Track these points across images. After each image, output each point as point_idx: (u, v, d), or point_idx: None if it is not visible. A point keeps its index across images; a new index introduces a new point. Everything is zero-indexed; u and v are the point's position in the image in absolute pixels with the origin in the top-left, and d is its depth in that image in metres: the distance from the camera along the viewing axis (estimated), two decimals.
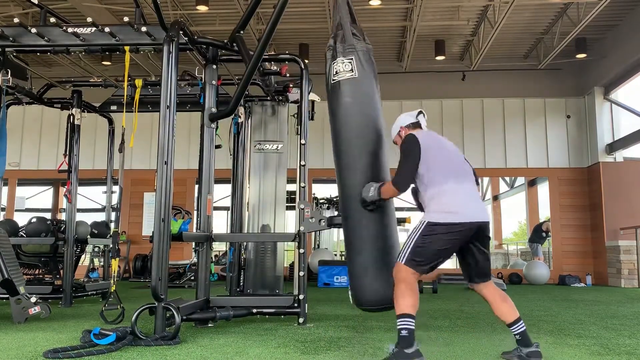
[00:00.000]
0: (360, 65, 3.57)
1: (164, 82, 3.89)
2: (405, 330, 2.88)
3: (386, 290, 3.33)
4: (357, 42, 3.64)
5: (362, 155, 3.54)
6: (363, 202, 3.43)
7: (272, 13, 3.92)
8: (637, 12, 9.69)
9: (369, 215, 3.46)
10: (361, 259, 3.48)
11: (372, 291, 3.42)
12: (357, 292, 3.50)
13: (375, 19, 9.94)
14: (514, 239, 18.86)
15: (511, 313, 3.07)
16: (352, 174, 3.55)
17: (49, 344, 3.49)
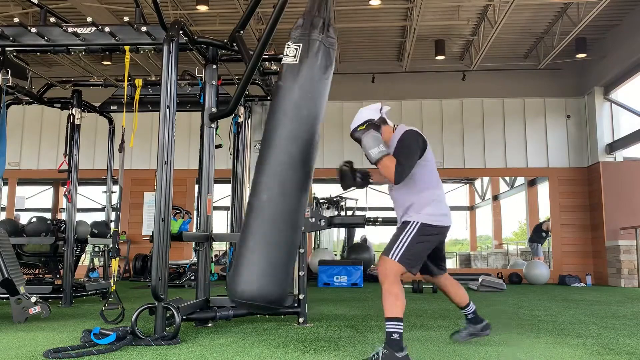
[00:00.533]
0: (305, 54, 3.45)
1: (164, 82, 3.89)
2: (397, 333, 2.91)
3: (272, 289, 3.09)
4: (314, 31, 3.51)
5: (281, 142, 3.30)
6: (357, 139, 3.26)
7: (272, 13, 3.91)
8: (637, 12, 9.69)
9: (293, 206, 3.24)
10: (271, 249, 3.16)
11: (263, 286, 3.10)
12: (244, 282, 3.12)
13: (375, 19, 9.94)
14: (514, 239, 18.87)
15: (466, 297, 3.52)
16: (267, 155, 3.32)
17: (49, 343, 3.49)
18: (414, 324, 4.59)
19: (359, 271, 9.61)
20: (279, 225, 3.17)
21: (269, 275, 3.09)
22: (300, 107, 3.34)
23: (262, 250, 3.13)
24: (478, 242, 19.30)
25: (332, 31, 3.52)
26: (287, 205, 3.21)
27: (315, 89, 3.40)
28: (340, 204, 13.37)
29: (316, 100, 3.41)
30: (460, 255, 19.02)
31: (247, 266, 3.10)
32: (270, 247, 3.14)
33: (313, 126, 3.38)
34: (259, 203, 3.20)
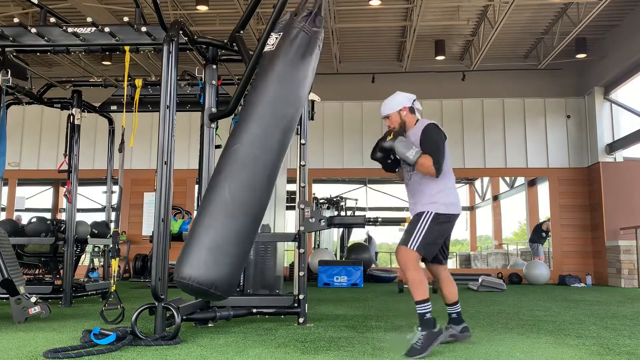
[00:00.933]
0: (281, 41, 3.43)
1: (164, 82, 3.89)
2: (429, 313, 3.26)
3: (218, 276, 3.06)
4: (295, 20, 3.49)
5: (248, 126, 3.32)
6: (388, 150, 3.46)
7: (272, 13, 3.91)
8: (637, 12, 9.69)
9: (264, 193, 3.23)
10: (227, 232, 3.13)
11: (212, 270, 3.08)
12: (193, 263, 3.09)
13: (375, 19, 9.94)
14: (514, 239, 18.84)
15: (456, 295, 3.69)
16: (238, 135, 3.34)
17: (49, 344, 3.49)
18: (414, 324, 4.58)
19: (359, 271, 9.61)
20: (243, 216, 3.15)
21: (222, 263, 3.06)
22: (276, 97, 3.33)
23: (218, 237, 3.09)
24: (478, 242, 19.29)
25: (318, 21, 3.51)
26: (253, 197, 3.20)
27: (290, 75, 3.38)
28: (340, 204, 13.37)
29: (291, 85, 3.38)
30: (460, 255, 19.01)
31: (200, 250, 3.07)
32: (228, 235, 3.09)
33: (284, 111, 3.33)
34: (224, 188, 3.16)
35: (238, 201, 3.15)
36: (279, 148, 3.32)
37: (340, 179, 12.99)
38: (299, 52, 3.41)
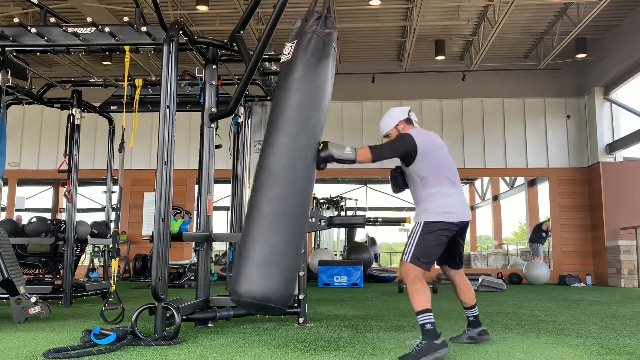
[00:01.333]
0: (297, 49, 3.42)
1: (164, 82, 3.89)
2: (429, 323, 3.13)
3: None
4: (306, 25, 3.50)
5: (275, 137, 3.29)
6: (328, 158, 3.32)
7: (272, 13, 3.91)
8: (637, 12, 9.69)
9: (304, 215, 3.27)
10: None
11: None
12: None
13: (375, 19, 9.94)
14: (514, 239, 18.85)
15: (473, 298, 3.77)
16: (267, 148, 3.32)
17: (49, 344, 3.49)
18: (414, 323, 4.59)
19: (359, 271, 9.61)
20: (284, 226, 3.15)
21: (273, 276, 3.06)
22: (298, 102, 3.33)
23: (264, 250, 3.09)
24: (478, 242, 19.29)
25: (329, 22, 3.51)
26: (291, 204, 3.19)
27: (309, 80, 3.38)
28: (340, 204, 13.37)
29: (312, 90, 3.38)
30: None
31: (250, 267, 3.07)
32: (273, 247, 3.10)
33: (309, 116, 3.33)
34: (261, 203, 3.17)
35: (277, 212, 3.16)
36: (310, 153, 3.31)
37: (340, 179, 13.00)
38: (315, 56, 3.41)
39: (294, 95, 3.33)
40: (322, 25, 3.46)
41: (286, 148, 3.25)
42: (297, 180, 3.23)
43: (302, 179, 3.25)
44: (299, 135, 3.28)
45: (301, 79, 3.35)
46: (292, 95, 3.33)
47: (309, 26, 3.44)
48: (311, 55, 3.39)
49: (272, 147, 3.26)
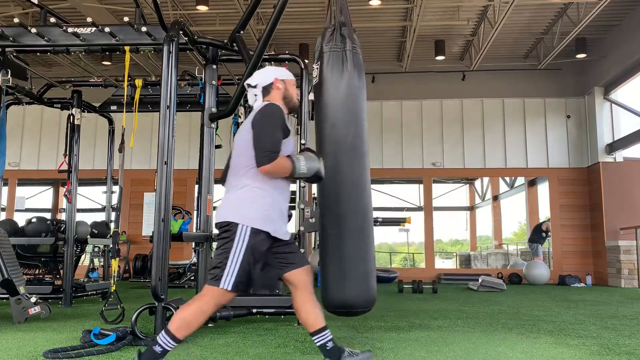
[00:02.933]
0: (321, 70, 3.57)
1: (164, 82, 3.89)
2: (330, 341, 2.76)
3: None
4: (324, 44, 3.62)
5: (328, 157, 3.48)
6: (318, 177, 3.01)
7: (272, 13, 3.92)
8: (637, 12, 9.69)
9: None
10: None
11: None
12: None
13: (375, 19, 9.94)
14: (514, 239, 18.87)
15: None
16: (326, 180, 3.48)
17: (49, 344, 3.49)
18: (414, 324, 4.59)
19: None
20: (361, 240, 3.47)
21: (363, 283, 3.45)
22: (330, 120, 3.50)
23: (333, 267, 3.52)
24: (478, 242, 19.30)
25: (344, 31, 3.61)
26: (359, 221, 3.46)
27: (337, 96, 3.55)
28: None
29: (344, 105, 3.52)
30: (460, 255, 19.03)
31: (345, 280, 3.48)
32: (361, 260, 3.45)
33: (347, 132, 3.49)
34: (323, 228, 3.51)
35: (339, 230, 3.43)
36: (358, 169, 3.47)
37: None
38: (337, 72, 3.56)
39: (328, 117, 3.52)
40: (336, 38, 3.55)
41: (333, 170, 3.42)
42: (352, 194, 3.47)
43: (355, 190, 3.47)
44: (343, 154, 3.47)
45: (331, 99, 3.55)
46: (328, 116, 3.52)
47: (325, 44, 3.56)
48: (332, 72, 3.56)
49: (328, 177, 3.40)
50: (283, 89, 2.94)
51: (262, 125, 2.73)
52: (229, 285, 2.62)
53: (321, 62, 3.58)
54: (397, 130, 11.89)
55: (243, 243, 2.67)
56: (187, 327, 2.59)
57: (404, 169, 11.84)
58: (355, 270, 3.40)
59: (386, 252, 20.71)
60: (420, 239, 12.78)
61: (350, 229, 3.42)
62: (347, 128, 3.47)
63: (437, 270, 11.80)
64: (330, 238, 3.45)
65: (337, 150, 3.46)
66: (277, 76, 2.95)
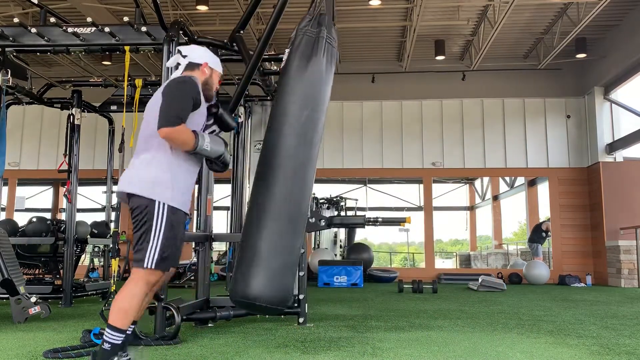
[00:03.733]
0: (290, 53, 3.44)
1: (164, 82, 3.88)
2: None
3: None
4: (301, 29, 3.53)
5: (266, 139, 3.31)
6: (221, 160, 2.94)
7: (272, 13, 3.92)
8: (637, 12, 9.69)
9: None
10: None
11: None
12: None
13: (375, 19, 9.94)
14: (514, 239, 18.86)
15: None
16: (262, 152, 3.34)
17: (49, 344, 3.49)
18: (414, 324, 4.59)
19: (359, 271, 9.61)
20: (283, 229, 3.13)
21: (275, 278, 3.03)
22: (289, 103, 3.31)
23: (268, 253, 3.07)
24: (478, 242, 19.30)
25: (322, 20, 3.49)
26: (291, 209, 3.16)
27: (299, 80, 3.38)
28: (340, 204, 13.37)
29: (303, 89, 3.35)
30: (460, 255, 19.03)
31: (254, 269, 3.04)
32: (276, 251, 3.08)
33: (301, 116, 3.29)
34: (262, 207, 3.14)
35: (274, 213, 3.13)
36: (296, 153, 3.22)
37: (340, 179, 13.01)
38: (305, 56, 3.41)
39: (286, 97, 3.35)
40: (313, 25, 3.47)
41: (278, 148, 3.22)
42: (293, 181, 3.20)
43: (298, 178, 3.21)
44: (289, 137, 3.25)
45: (292, 81, 3.37)
46: (284, 97, 3.35)
47: (300, 29, 3.47)
48: (301, 55, 3.40)
49: (264, 152, 3.27)
50: (208, 74, 2.97)
51: (173, 91, 2.72)
52: (152, 264, 2.64)
53: (292, 46, 3.51)
54: (397, 130, 11.89)
55: (162, 220, 2.66)
56: (125, 314, 2.63)
57: (403, 168, 11.84)
58: (273, 261, 3.04)
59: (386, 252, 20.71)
60: (420, 238, 12.79)
61: (280, 214, 3.13)
62: (300, 111, 3.30)
63: (437, 270, 11.81)
64: (255, 218, 3.12)
65: (284, 130, 3.26)
66: (209, 62, 2.99)
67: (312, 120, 3.34)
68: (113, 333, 2.60)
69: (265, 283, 3.01)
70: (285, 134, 3.25)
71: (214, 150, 2.78)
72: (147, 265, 2.63)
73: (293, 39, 3.49)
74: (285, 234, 3.12)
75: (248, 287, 2.99)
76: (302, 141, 3.26)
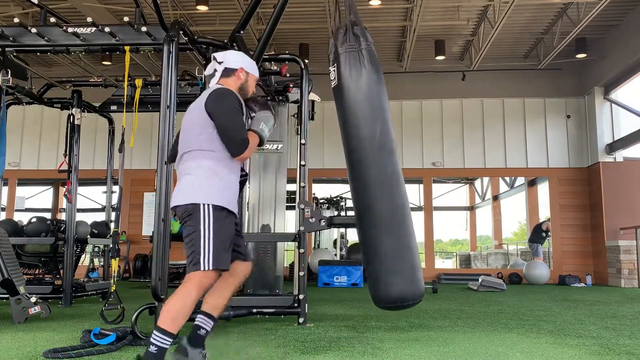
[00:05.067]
0: (340, 73, 3.58)
1: (164, 82, 3.89)
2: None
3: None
4: (338, 45, 3.61)
5: (348, 159, 3.61)
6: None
7: (272, 13, 3.92)
8: (637, 12, 9.69)
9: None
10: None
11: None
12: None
13: (375, 19, 9.94)
14: (514, 239, 18.87)
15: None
16: (350, 177, 3.63)
17: (49, 344, 3.49)
18: (414, 324, 4.59)
19: (359, 271, 9.61)
20: (399, 232, 3.46)
21: (411, 276, 3.43)
22: (353, 118, 3.50)
23: (377, 264, 3.44)
24: (478, 242, 19.31)
25: (357, 31, 3.57)
26: (398, 215, 3.47)
27: (360, 97, 3.53)
28: (340, 204, 13.37)
29: (366, 104, 3.52)
30: (460, 255, 19.03)
31: (391, 275, 3.42)
32: (408, 253, 3.44)
33: (372, 130, 3.48)
34: (377, 222, 3.47)
35: (389, 222, 3.45)
36: (384, 165, 3.47)
37: (340, 179, 13.00)
38: (355, 72, 3.54)
39: (353, 115, 3.52)
40: (350, 39, 3.54)
41: (365, 166, 3.47)
42: (386, 191, 3.48)
43: (388, 187, 3.48)
44: (371, 153, 3.48)
45: (353, 101, 3.54)
46: (351, 116, 3.52)
47: (339, 46, 3.55)
48: (351, 73, 3.53)
49: (356, 171, 3.51)
50: (244, 79, 3.00)
51: (223, 114, 2.74)
52: (208, 265, 2.62)
53: (337, 64, 3.57)
54: (397, 130, 11.87)
55: (209, 220, 2.66)
56: (176, 318, 2.55)
57: (404, 168, 11.72)
58: (402, 265, 3.41)
59: None
60: (420, 238, 12.78)
61: (390, 225, 3.44)
62: (373, 125, 3.46)
63: (437, 270, 11.81)
64: (372, 237, 3.47)
65: (364, 149, 3.48)
66: (244, 67, 3.02)
67: (386, 132, 3.52)
68: (161, 336, 2.52)
69: (406, 284, 3.40)
70: (367, 150, 3.47)
71: (271, 127, 2.94)
72: (203, 267, 2.60)
73: (336, 57, 3.58)
74: (405, 237, 3.45)
75: (393, 291, 3.39)
76: (382, 153, 3.48)
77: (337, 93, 3.59)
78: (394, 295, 3.40)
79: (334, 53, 3.62)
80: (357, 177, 3.49)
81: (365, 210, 3.49)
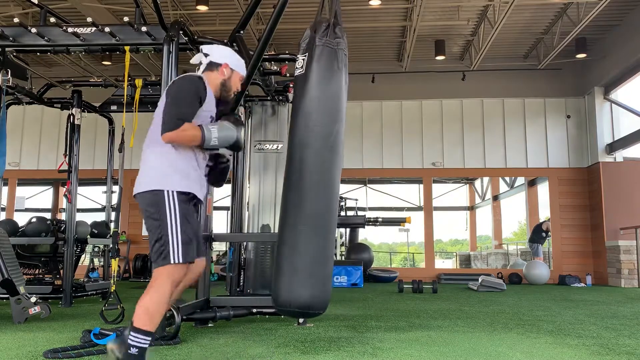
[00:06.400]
0: (309, 62, 3.49)
1: (164, 82, 3.89)
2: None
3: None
4: (316, 37, 3.55)
5: (293, 152, 3.37)
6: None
7: (272, 13, 3.91)
8: (637, 12, 9.69)
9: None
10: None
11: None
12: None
13: (375, 19, 9.94)
14: (514, 239, 18.87)
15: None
16: (287, 166, 3.43)
17: (49, 344, 3.49)
18: (414, 324, 4.59)
19: (359, 271, 9.61)
20: (317, 237, 3.24)
21: (313, 284, 3.19)
22: (318, 117, 3.37)
23: (305, 261, 3.20)
24: (478, 242, 19.31)
25: (338, 30, 3.52)
26: (322, 216, 3.27)
27: (324, 92, 3.44)
28: (340, 204, 13.38)
29: (328, 102, 3.42)
30: (460, 255, 19.04)
31: (291, 276, 3.17)
32: (313, 258, 3.22)
33: (328, 129, 3.37)
34: (296, 219, 3.26)
35: (311, 226, 3.25)
36: (329, 166, 3.32)
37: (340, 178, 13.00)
38: (328, 68, 3.46)
39: (314, 110, 3.39)
40: (331, 35, 3.49)
41: (312, 163, 3.30)
42: (325, 194, 3.30)
43: (329, 191, 3.32)
44: (322, 150, 3.33)
45: (316, 93, 3.43)
46: (312, 110, 3.39)
47: (319, 38, 3.47)
48: (324, 67, 3.45)
49: (292, 164, 3.32)
50: (227, 75, 2.94)
51: (175, 92, 2.68)
52: (178, 257, 2.54)
53: (310, 54, 3.49)
54: (397, 130, 11.89)
55: (175, 209, 2.58)
56: (153, 317, 2.47)
57: (404, 168, 11.85)
58: (321, 270, 3.19)
59: (386, 252, 20.72)
60: (420, 238, 12.79)
61: (319, 227, 3.24)
62: (332, 126, 3.38)
63: (437, 270, 11.81)
64: (301, 234, 3.22)
65: (316, 146, 3.33)
66: (230, 63, 2.95)
67: (340, 134, 3.42)
68: (138, 336, 2.44)
69: (313, 292, 3.17)
70: (318, 149, 3.31)
71: (223, 140, 2.70)
72: (173, 260, 2.51)
73: (311, 47, 3.49)
74: (330, 244, 3.26)
75: (297, 297, 3.15)
76: (334, 154, 3.35)
77: (300, 81, 3.45)
78: (303, 300, 3.17)
79: (309, 43, 3.52)
80: (299, 170, 3.29)
81: (299, 205, 3.25)
